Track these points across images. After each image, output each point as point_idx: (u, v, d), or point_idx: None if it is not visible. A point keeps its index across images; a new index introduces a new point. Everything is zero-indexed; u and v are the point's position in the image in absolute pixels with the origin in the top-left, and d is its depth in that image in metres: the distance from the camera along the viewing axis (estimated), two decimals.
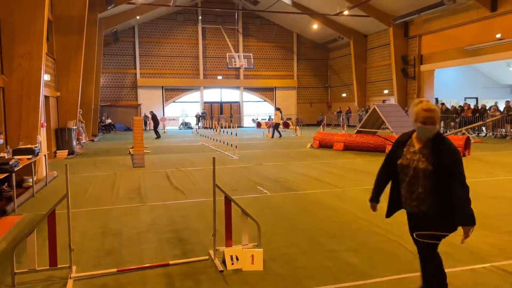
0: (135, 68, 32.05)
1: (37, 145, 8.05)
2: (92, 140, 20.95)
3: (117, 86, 31.96)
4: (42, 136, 9.19)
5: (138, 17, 27.95)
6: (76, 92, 15.03)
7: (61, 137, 14.36)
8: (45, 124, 10.36)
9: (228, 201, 4.22)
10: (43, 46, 8.62)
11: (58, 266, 3.80)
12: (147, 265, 4.05)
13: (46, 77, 12.73)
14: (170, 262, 4.11)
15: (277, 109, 22.88)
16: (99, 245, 4.69)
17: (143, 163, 11.09)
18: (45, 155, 8.78)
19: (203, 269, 3.96)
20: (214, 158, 4.22)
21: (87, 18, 16.18)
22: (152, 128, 24.97)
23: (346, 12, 24.28)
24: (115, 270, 3.92)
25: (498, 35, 19.59)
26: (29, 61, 8.43)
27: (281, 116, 22.36)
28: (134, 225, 5.50)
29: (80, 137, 17.58)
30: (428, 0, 21.59)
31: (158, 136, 22.50)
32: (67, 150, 14.09)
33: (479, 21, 20.57)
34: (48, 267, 3.78)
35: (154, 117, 23.19)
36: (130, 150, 14.58)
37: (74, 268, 3.93)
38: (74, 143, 14.89)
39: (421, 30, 24.58)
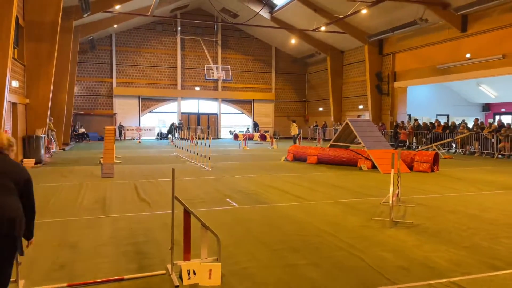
0: (111, 77, 31.64)
1: None
2: (63, 149, 20.44)
3: (92, 94, 31.44)
4: None
5: (115, 26, 27.70)
6: (46, 99, 14.68)
7: (28, 145, 13.94)
8: (9, 131, 10.03)
9: (187, 213, 4.13)
10: (9, 52, 8.38)
11: None
12: (100, 279, 3.91)
13: (14, 83, 12.39)
14: (125, 277, 3.98)
15: (293, 121, 25.26)
16: (53, 258, 4.51)
17: (112, 174, 10.85)
18: None
19: (158, 284, 3.84)
20: (173, 170, 4.14)
21: (62, 25, 15.92)
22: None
23: (323, 28, 24.72)
24: (65, 284, 3.77)
25: (468, 55, 20.29)
26: None
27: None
28: (93, 237, 5.32)
29: (50, 145, 17.12)
30: (401, 19, 22.23)
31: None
32: (34, 159, 13.68)
33: (450, 41, 21.28)
34: None
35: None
36: (101, 160, 14.27)
37: (22, 282, 3.75)
38: (43, 151, 14.48)
39: (395, 48, 25.24)
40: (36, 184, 9.45)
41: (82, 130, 29.44)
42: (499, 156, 17.50)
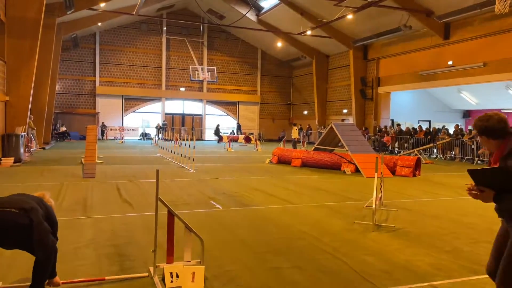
0: (95, 76, 31.20)
1: None
2: (43, 148, 20.02)
3: (75, 93, 30.93)
4: None
5: (99, 24, 27.34)
6: (27, 97, 14.36)
7: (7, 144, 13.61)
8: None
9: (171, 215, 4.08)
10: None
11: None
12: (79, 279, 3.82)
13: None
14: (106, 278, 3.90)
15: (294, 124, 24.17)
16: (31, 260, 4.37)
17: (93, 174, 10.66)
18: None
19: (140, 287, 3.78)
20: (157, 171, 4.08)
21: (45, 21, 15.60)
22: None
23: (309, 32, 24.89)
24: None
25: (450, 62, 20.70)
26: None
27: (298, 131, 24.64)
28: (73, 239, 5.21)
29: (29, 144, 16.75)
30: (386, 26, 22.55)
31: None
32: (14, 158, 13.35)
33: (432, 48, 21.67)
34: None
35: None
36: (82, 159, 14.02)
37: None
38: (22, 150, 14.15)
39: (379, 53, 25.58)
40: (14, 183, 9.25)
41: (64, 129, 28.92)
42: (479, 161, 17.88)
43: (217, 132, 31.12)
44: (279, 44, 30.52)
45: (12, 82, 14.10)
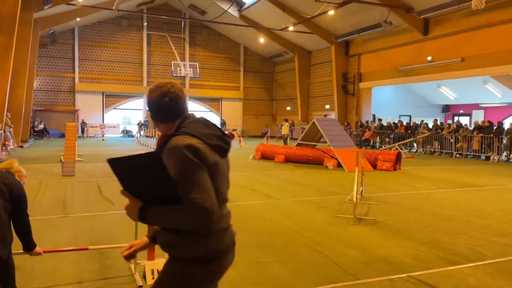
0: (74, 72, 30.59)
1: None
2: (21, 146, 19.56)
3: (53, 90, 30.28)
4: None
5: (78, 19, 26.77)
6: (3, 94, 14.01)
7: None
8: None
9: None
10: None
11: None
12: (65, 248, 3.77)
13: None
14: (89, 247, 3.90)
15: (286, 120, 24.42)
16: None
17: (73, 172, 10.48)
18: None
19: (121, 285, 3.74)
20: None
21: (21, 16, 15.21)
22: None
23: (291, 28, 24.92)
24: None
25: (429, 58, 21.02)
26: None
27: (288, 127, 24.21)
28: (53, 238, 5.12)
29: (7, 142, 16.33)
30: (367, 22, 22.74)
31: None
32: None
33: (412, 43, 21.97)
34: None
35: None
36: (61, 157, 13.76)
37: None
38: None
39: (361, 49, 25.80)
40: None
41: (42, 126, 28.31)
42: (457, 155, 18.27)
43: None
44: (262, 40, 30.48)
45: None
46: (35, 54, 23.39)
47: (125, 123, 32.71)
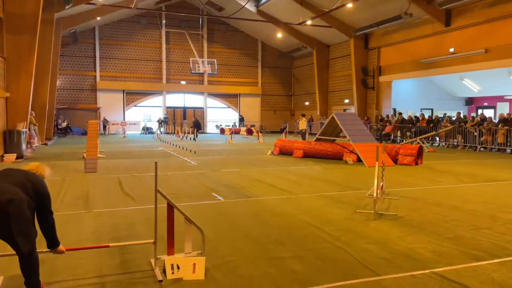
0: (95, 71, 31.14)
1: None
2: (46, 144, 20.05)
3: (75, 88, 30.90)
4: None
5: (98, 18, 27.20)
6: (27, 93, 14.35)
7: (9, 140, 13.63)
8: None
9: (170, 207, 4.08)
10: None
11: None
12: (86, 246, 3.84)
13: None
14: (110, 245, 3.98)
15: (303, 115, 23.82)
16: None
17: (95, 168, 10.68)
18: None
19: (141, 279, 3.79)
20: (156, 163, 4.07)
21: (43, 17, 15.55)
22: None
23: (309, 22, 24.69)
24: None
25: (452, 49, 20.51)
26: None
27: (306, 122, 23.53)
28: (75, 233, 5.22)
29: (32, 140, 16.78)
30: (386, 14, 22.33)
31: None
32: (16, 154, 13.38)
33: (434, 35, 21.48)
34: None
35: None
36: (84, 154, 14.04)
37: (1, 278, 3.67)
38: (24, 146, 14.18)
39: (380, 42, 25.38)
40: None
41: (65, 124, 28.95)
42: (481, 149, 17.80)
43: (197, 124, 28.60)
44: (279, 35, 30.32)
45: (12, 79, 14.08)
46: (57, 54, 23.89)
47: (145, 120, 33.13)
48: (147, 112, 33.66)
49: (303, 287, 3.63)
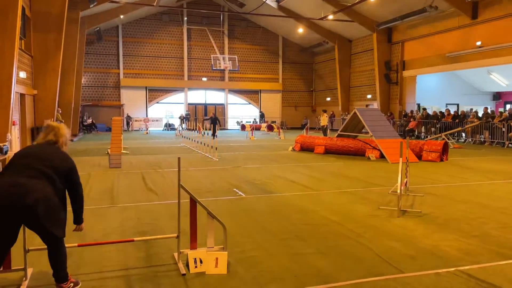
0: (119, 68, 31.69)
1: (6, 143, 7.82)
2: (72, 140, 20.57)
3: (100, 85, 31.54)
4: (13, 135, 8.95)
5: (121, 16, 27.65)
6: (54, 90, 14.74)
7: (37, 136, 14.02)
8: (17, 122, 10.10)
9: (193, 202, 4.12)
10: (15, 42, 8.40)
11: (12, 268, 3.65)
12: (109, 241, 3.93)
13: (21, 74, 12.46)
14: (135, 239, 4.19)
15: (324, 111, 23.37)
16: None
17: (119, 164, 10.89)
18: None
19: (165, 273, 3.85)
20: (179, 159, 4.12)
21: (68, 15, 15.91)
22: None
23: (330, 17, 24.43)
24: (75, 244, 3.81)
25: (479, 43, 19.94)
26: (0, 57, 8.19)
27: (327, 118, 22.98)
28: (101, 226, 5.35)
29: None
30: (411, 7, 21.87)
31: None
32: None
33: (460, 28, 20.91)
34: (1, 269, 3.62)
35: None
36: (108, 150, 14.33)
37: (30, 270, 3.79)
38: None
39: (404, 36, 24.88)
40: None
41: (90, 121, 29.62)
42: (510, 145, 17.27)
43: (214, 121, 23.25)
44: (300, 30, 30.12)
45: (39, 76, 14.49)
46: (82, 51, 24.45)
47: (167, 116, 33.54)
48: (169, 109, 34.06)
49: (325, 283, 3.62)
